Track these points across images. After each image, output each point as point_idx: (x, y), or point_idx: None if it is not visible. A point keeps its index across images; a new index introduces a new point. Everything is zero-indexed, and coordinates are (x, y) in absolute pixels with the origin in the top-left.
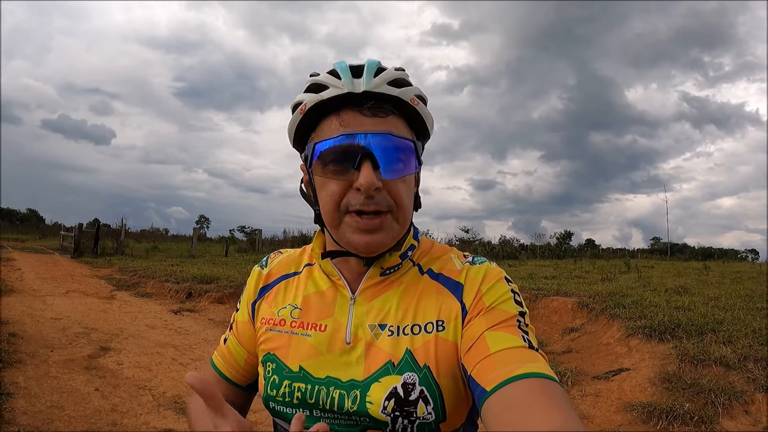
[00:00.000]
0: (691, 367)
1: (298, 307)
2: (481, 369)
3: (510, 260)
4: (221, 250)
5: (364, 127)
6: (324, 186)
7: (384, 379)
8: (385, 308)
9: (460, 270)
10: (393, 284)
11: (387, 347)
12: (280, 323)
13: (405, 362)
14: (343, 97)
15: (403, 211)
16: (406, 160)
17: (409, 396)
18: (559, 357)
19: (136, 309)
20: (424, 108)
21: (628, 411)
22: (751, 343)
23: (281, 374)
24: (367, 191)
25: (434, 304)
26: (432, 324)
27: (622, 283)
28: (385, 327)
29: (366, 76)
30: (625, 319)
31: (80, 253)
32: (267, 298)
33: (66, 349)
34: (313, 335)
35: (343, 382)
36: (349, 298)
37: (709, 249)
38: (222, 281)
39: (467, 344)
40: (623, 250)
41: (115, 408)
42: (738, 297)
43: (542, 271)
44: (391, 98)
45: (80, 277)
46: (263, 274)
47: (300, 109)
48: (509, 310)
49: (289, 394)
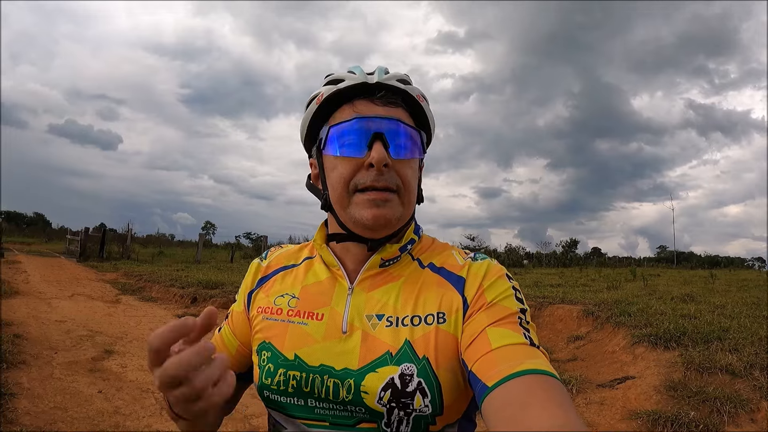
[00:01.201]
0: (696, 375)
1: (296, 297)
2: (482, 364)
3: (516, 268)
4: (227, 256)
5: (376, 112)
6: (335, 167)
7: (381, 369)
8: (384, 299)
9: (462, 265)
10: (392, 277)
11: (385, 337)
12: (277, 312)
13: (404, 353)
14: (358, 87)
15: (409, 192)
16: (413, 146)
17: (406, 387)
18: (564, 365)
19: (140, 313)
20: (427, 106)
21: (633, 419)
22: (757, 351)
23: (276, 362)
24: (379, 165)
25: (435, 296)
26: (432, 316)
27: (628, 291)
28: (383, 317)
29: (378, 73)
30: (631, 327)
31: (86, 257)
32: (264, 288)
33: (70, 351)
34: (309, 324)
35: (337, 370)
36: (347, 287)
37: (715, 257)
38: (227, 287)
39: (468, 339)
40: (629, 258)
41: (117, 410)
42: (744, 305)
43: (548, 279)
44: (399, 91)
45: (86, 281)
46: (262, 266)
47: (317, 100)
48: (511, 306)
49: (284, 383)
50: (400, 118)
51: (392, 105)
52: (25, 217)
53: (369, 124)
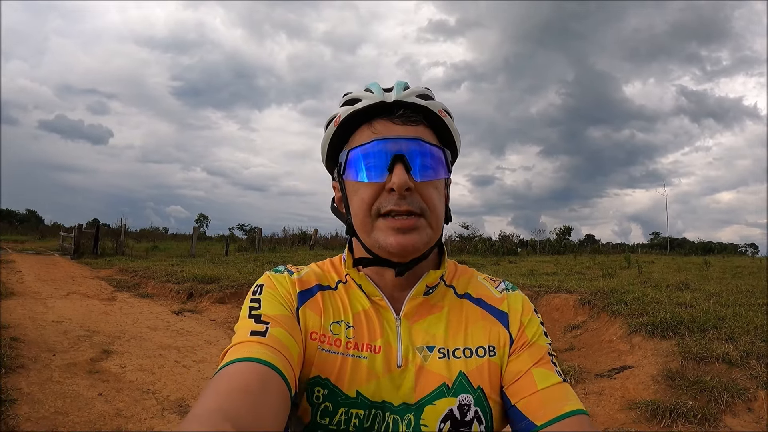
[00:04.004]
0: (693, 364)
1: (351, 326)
2: (529, 404)
3: (510, 256)
4: (221, 249)
5: (396, 133)
6: (356, 191)
7: (438, 401)
8: (432, 331)
9: (500, 298)
10: (435, 307)
11: (439, 369)
12: (335, 343)
13: (459, 384)
14: (376, 107)
15: (435, 214)
16: (437, 166)
17: (464, 417)
18: (561, 354)
19: (137, 310)
20: (451, 121)
21: (632, 409)
22: (754, 340)
23: (336, 401)
24: (400, 189)
25: (483, 330)
26: (483, 349)
27: (623, 279)
28: (434, 348)
29: (396, 89)
30: (627, 316)
31: (80, 254)
32: (311, 306)
33: (68, 352)
34: (369, 357)
35: (396, 406)
36: (395, 319)
37: (708, 243)
38: (223, 281)
39: (513, 376)
40: (623, 245)
41: (119, 413)
42: (739, 293)
43: (543, 268)
44: (420, 108)
45: (81, 279)
46: (294, 278)
47: (334, 122)
48: (543, 344)
49: (345, 422)
50: (421, 137)
51: (413, 123)
52: (17, 215)
53: (388, 145)
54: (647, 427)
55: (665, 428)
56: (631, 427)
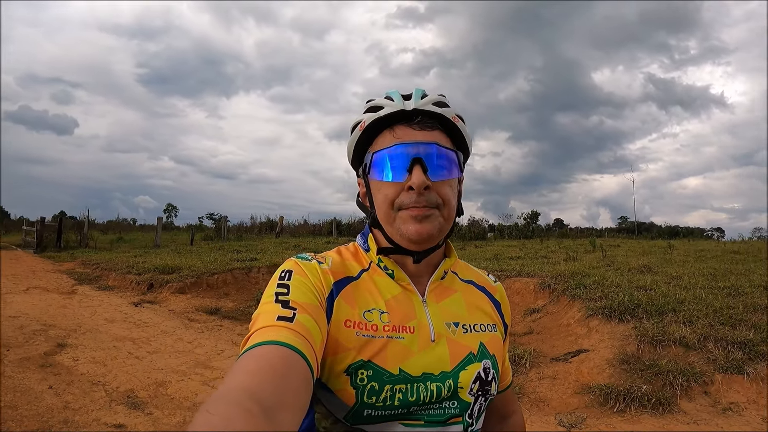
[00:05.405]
0: (650, 347)
1: (385, 311)
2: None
3: (478, 241)
4: (188, 238)
5: (414, 137)
6: (380, 189)
7: (469, 366)
8: (453, 310)
9: (493, 287)
10: (448, 290)
11: (466, 341)
12: (373, 328)
13: (481, 352)
14: (397, 114)
15: (449, 208)
16: (450, 166)
17: (487, 377)
18: (519, 338)
19: (96, 303)
20: (464, 126)
21: (585, 393)
22: (712, 323)
23: (381, 380)
24: (419, 188)
25: (488, 311)
26: (491, 326)
27: (586, 263)
28: (459, 324)
29: (414, 97)
30: (586, 300)
31: (43, 247)
32: (345, 297)
33: (22, 347)
34: (406, 337)
35: (436, 375)
36: (421, 300)
37: (675, 227)
38: (184, 271)
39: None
40: (591, 229)
41: (67, 405)
42: (701, 276)
43: (508, 252)
44: (435, 115)
45: (42, 273)
46: (326, 268)
47: (360, 127)
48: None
49: (391, 398)
50: (437, 141)
51: (429, 129)
52: None
53: (408, 149)
54: (600, 411)
55: (618, 412)
56: (584, 412)
